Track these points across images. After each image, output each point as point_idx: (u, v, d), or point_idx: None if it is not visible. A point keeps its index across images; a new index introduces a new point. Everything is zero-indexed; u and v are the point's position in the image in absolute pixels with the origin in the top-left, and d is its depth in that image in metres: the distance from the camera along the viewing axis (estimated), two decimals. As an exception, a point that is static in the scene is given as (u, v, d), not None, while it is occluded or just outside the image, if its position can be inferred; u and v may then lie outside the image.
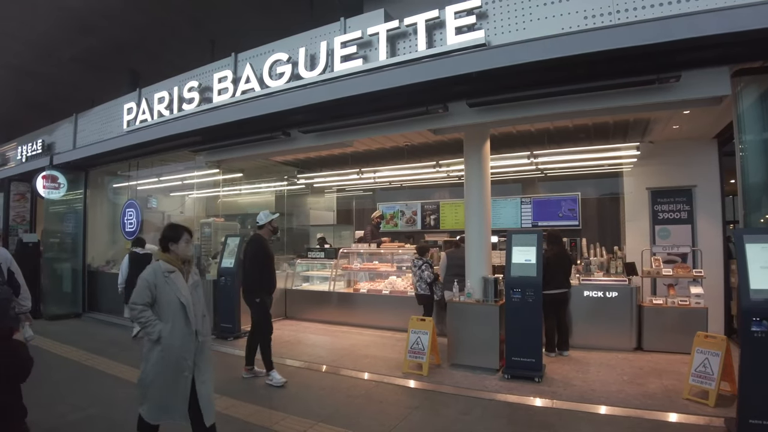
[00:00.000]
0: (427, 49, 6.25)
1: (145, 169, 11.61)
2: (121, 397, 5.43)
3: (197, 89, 8.77)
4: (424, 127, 6.70)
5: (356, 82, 6.44)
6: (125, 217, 10.92)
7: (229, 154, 8.91)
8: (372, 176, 10.55)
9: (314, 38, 7.46)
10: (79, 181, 12.39)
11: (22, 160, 14.07)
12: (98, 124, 11.63)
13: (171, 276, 3.51)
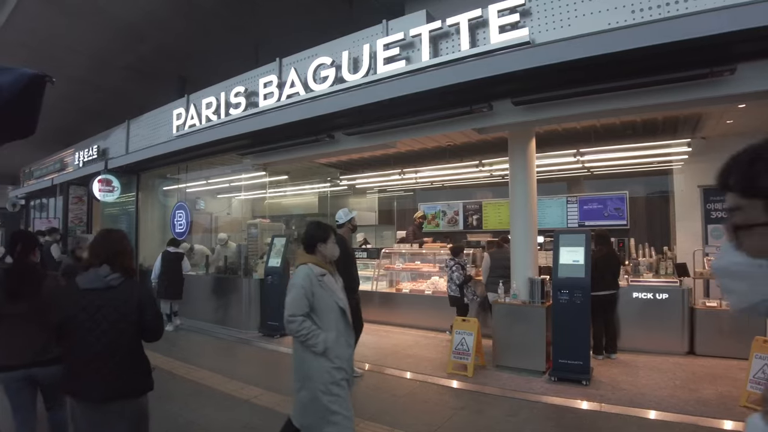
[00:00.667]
0: (471, 49, 6.24)
1: (194, 172, 12.00)
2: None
3: (243, 94, 9.01)
4: (468, 126, 6.68)
5: (399, 83, 6.49)
6: (175, 218, 11.31)
7: (275, 156, 9.10)
8: (414, 176, 10.57)
9: (357, 41, 7.55)
10: (131, 184, 12.94)
11: (80, 165, 14.82)
12: (149, 129, 12.09)
13: (324, 279, 3.22)
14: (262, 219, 11.21)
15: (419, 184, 11.62)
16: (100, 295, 2.76)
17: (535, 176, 6.88)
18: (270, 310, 8.74)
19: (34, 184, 18.81)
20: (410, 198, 13.26)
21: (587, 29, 5.38)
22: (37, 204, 20.14)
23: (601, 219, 10.22)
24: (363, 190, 13.09)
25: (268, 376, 6.40)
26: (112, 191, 12.44)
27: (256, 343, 8.30)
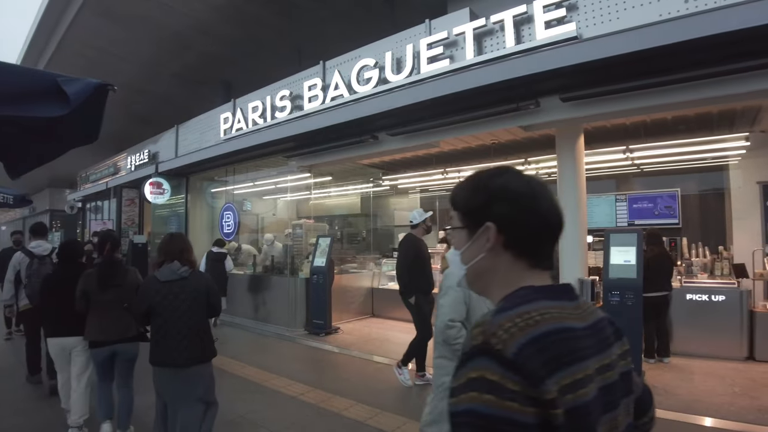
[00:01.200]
0: (516, 45, 6.17)
1: (241, 175, 12.29)
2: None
3: (288, 97, 9.16)
4: (514, 124, 6.60)
5: (443, 82, 6.46)
6: (223, 219, 11.60)
7: (320, 158, 9.21)
8: (457, 176, 10.48)
9: (400, 42, 7.57)
10: (181, 186, 13.36)
11: (132, 169, 15.40)
12: (197, 133, 12.45)
13: None
14: (307, 219, 11.38)
15: (462, 184, 11.58)
16: (177, 285, 3.48)
17: (584, 174, 6.73)
18: (315, 309, 8.87)
19: (89, 188, 19.71)
20: (453, 197, 13.23)
21: (637, 22, 5.22)
22: (92, 206, 21.11)
23: (651, 218, 9.88)
24: (405, 190, 13.09)
25: (313, 374, 6.49)
26: (162, 193, 12.89)
27: (302, 341, 8.43)
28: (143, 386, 4.41)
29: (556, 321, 0.91)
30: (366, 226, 13.40)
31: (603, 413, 0.91)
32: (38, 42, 15.64)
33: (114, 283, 4.22)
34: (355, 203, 13.64)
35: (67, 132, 3.25)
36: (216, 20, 12.31)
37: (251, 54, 14.12)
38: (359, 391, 5.64)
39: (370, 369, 6.64)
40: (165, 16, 12.30)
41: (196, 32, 13.04)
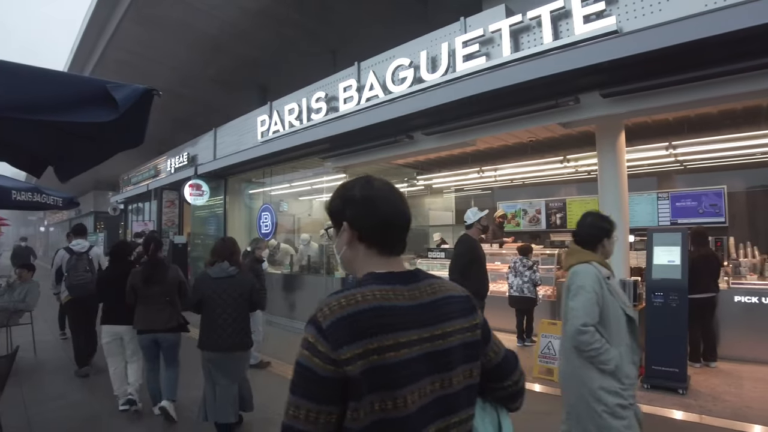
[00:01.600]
0: (554, 41, 6.04)
1: (278, 176, 12.45)
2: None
3: (324, 99, 9.23)
4: (552, 121, 6.46)
5: (479, 80, 6.39)
6: (261, 220, 11.77)
7: (355, 159, 9.24)
8: (492, 174, 10.39)
9: (434, 40, 7.53)
10: (219, 188, 13.63)
11: (171, 171, 15.81)
12: (235, 136, 12.67)
13: (611, 282, 2.72)
14: (342, 220, 11.42)
15: (498, 182, 11.40)
16: (225, 282, 4.17)
17: (626, 171, 6.55)
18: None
19: (131, 190, 20.31)
20: (488, 197, 13.03)
21: (681, 13, 5.03)
22: (134, 208, 21.80)
23: (695, 216, 9.57)
24: (440, 189, 13.02)
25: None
26: (201, 195, 13.19)
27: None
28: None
29: (376, 301, 1.18)
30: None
31: (428, 374, 1.19)
32: (83, 51, 16.27)
33: (157, 280, 4.79)
34: (388, 203, 13.66)
35: (114, 136, 3.37)
36: (250, 25, 12.53)
37: (286, 57, 14.32)
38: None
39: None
40: (201, 21, 12.60)
41: (232, 37, 13.30)
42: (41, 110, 2.38)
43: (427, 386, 1.19)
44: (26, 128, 3.86)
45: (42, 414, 5.15)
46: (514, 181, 11.51)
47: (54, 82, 2.52)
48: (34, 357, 7.49)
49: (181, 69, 15.79)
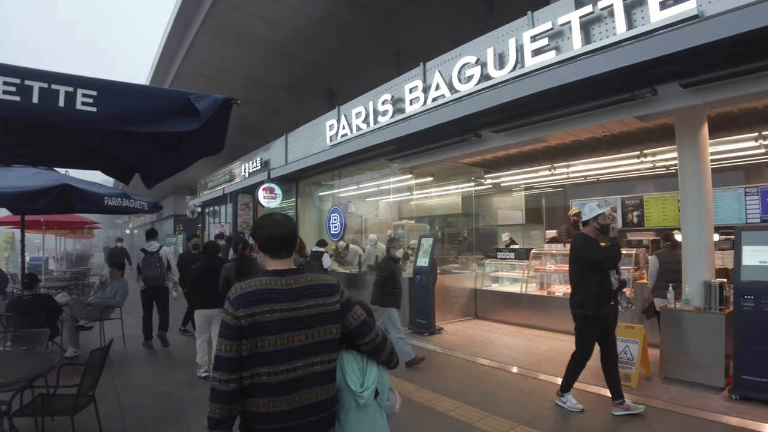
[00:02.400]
0: (628, 31, 5.76)
1: (346, 178, 12.68)
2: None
3: (390, 101, 9.30)
4: (628, 114, 6.16)
5: (549, 75, 6.20)
6: (330, 221, 12.02)
7: (422, 159, 9.26)
8: (564, 171, 10.04)
9: (501, 37, 7.40)
10: (291, 191, 14.10)
11: (246, 176, 16.49)
12: (305, 140, 13.02)
13: None
14: (408, 220, 11.47)
15: (571, 180, 10.99)
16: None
17: (710, 165, 6.14)
18: (419, 308, 8.92)
19: (208, 194, 21.35)
20: (560, 195, 12.63)
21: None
22: (211, 211, 22.90)
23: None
24: (509, 188, 12.74)
25: (419, 373, 6.49)
26: (274, 198, 13.69)
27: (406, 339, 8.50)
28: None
29: (259, 285, 2.02)
30: (467, 225, 13.23)
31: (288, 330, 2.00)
32: (163, 65, 17.29)
33: (246, 272, 5.74)
34: (455, 203, 13.53)
35: (195, 144, 3.59)
36: (317, 31, 12.81)
37: (351, 61, 14.54)
38: (466, 393, 5.58)
39: (476, 371, 6.54)
40: (270, 31, 13.02)
41: (299, 44, 13.66)
42: (135, 122, 2.59)
43: (290, 337, 2.02)
44: (118, 139, 4.17)
45: (132, 402, 5.53)
46: (587, 178, 11.04)
47: (145, 96, 2.73)
48: (124, 349, 8.05)
49: (252, 77, 16.41)
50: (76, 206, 5.92)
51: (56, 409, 4.04)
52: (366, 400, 2.19)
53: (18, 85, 2.28)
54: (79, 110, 2.39)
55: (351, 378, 2.19)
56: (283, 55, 14.53)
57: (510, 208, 13.57)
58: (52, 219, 12.31)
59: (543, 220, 13.02)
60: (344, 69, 15.06)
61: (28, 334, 5.09)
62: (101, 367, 4.18)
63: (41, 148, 4.68)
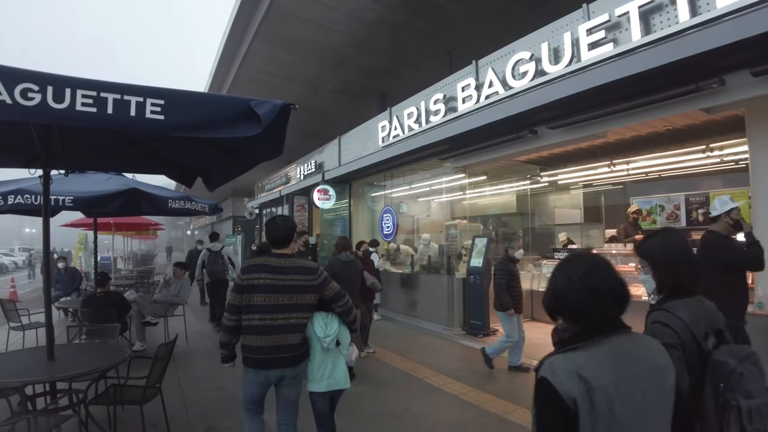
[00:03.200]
0: (691, 19, 5.51)
1: (398, 179, 12.73)
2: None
3: (442, 101, 9.27)
4: (693, 107, 5.85)
5: (607, 68, 6.01)
6: (383, 222, 12.11)
7: (475, 158, 9.17)
8: (624, 168, 9.67)
9: (556, 31, 7.24)
10: (344, 192, 14.31)
11: (301, 178, 16.88)
12: (357, 142, 13.17)
13: None
14: (461, 220, 11.39)
15: (631, 176, 10.57)
16: (349, 264, 6.41)
17: (786, 158, 5.77)
18: (473, 309, 8.84)
19: (265, 196, 21.99)
20: (620, 192, 12.18)
21: None
22: (268, 212, 23.53)
23: None
24: (566, 186, 12.40)
25: (474, 374, 6.46)
26: (328, 199, 13.96)
27: (460, 340, 8.47)
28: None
29: (260, 261, 3.36)
30: (523, 225, 12.99)
31: (270, 292, 3.25)
32: (220, 74, 17.94)
33: None
34: (510, 202, 13.29)
35: (256, 149, 3.78)
36: (369, 34, 12.94)
37: (403, 62, 14.59)
38: (522, 397, 5.50)
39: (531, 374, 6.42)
40: (323, 36, 13.27)
41: (352, 48, 13.85)
42: (200, 128, 2.74)
43: (275, 297, 3.24)
44: (183, 145, 4.41)
45: (195, 395, 5.82)
46: (648, 174, 10.57)
47: (208, 103, 2.91)
48: (186, 345, 8.42)
49: (306, 82, 16.76)
50: (143, 209, 6.27)
51: (126, 398, 4.30)
52: (328, 345, 3.40)
53: (94, 97, 2.47)
54: (148, 118, 2.56)
55: (317, 328, 3.41)
56: (337, 59, 14.77)
57: (567, 207, 13.20)
58: (121, 221, 13.01)
59: (602, 218, 12.58)
60: (396, 70, 15.14)
61: (101, 328, 5.42)
62: (167, 360, 4.40)
63: (112, 155, 5.00)
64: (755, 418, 1.66)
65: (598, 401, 1.36)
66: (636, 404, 1.41)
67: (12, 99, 2.31)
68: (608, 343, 1.47)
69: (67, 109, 2.40)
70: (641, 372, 1.45)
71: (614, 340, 1.48)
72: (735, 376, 1.70)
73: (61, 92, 2.40)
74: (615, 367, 1.42)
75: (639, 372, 1.44)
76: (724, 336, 1.87)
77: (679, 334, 1.87)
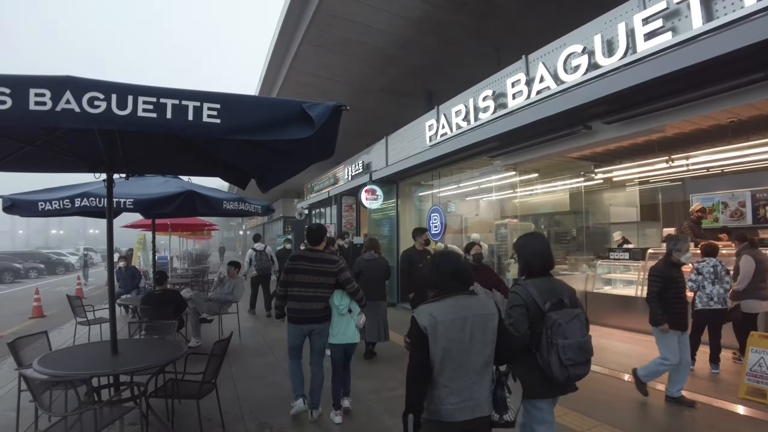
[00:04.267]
0: (758, 2, 5.19)
1: (445, 178, 12.63)
2: None
3: (491, 97, 9.12)
4: (761, 96, 5.46)
5: (665, 59, 5.75)
6: (430, 221, 12.04)
7: (526, 155, 8.97)
8: (684, 163, 9.23)
9: (609, 22, 6.98)
10: (391, 192, 14.34)
11: (349, 179, 17.04)
12: (404, 142, 13.15)
13: None
14: (511, 219, 11.19)
15: (691, 172, 10.09)
16: (371, 262, 7.43)
17: None
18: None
19: (314, 197, 22.34)
20: (678, 189, 11.66)
21: None
22: (317, 213, 23.92)
23: None
24: (621, 183, 11.96)
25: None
26: (376, 199, 14.03)
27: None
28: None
29: (300, 253, 5.20)
30: (576, 224, 12.63)
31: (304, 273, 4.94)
32: (270, 77, 18.35)
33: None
34: (563, 200, 12.95)
35: (308, 150, 3.86)
36: (415, 33, 12.91)
37: (450, 60, 14.48)
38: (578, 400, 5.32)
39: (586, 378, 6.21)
40: (370, 37, 13.33)
41: (398, 48, 13.86)
42: (254, 131, 2.80)
43: (307, 277, 4.91)
44: (237, 148, 4.54)
45: (247, 390, 5.98)
46: (710, 169, 10.03)
47: (262, 106, 2.94)
48: (240, 341, 8.63)
49: (354, 83, 16.90)
50: (199, 210, 6.47)
51: (184, 392, 4.45)
52: (341, 311, 4.94)
53: (154, 103, 2.57)
54: (205, 122, 2.64)
55: (335, 299, 4.96)
56: (384, 60, 14.82)
57: (623, 205, 12.75)
58: (178, 222, 13.50)
59: (660, 217, 12.09)
60: (443, 69, 15.04)
61: (160, 325, 5.64)
62: (222, 357, 4.52)
63: (169, 159, 5.20)
64: (568, 351, 2.82)
65: (440, 329, 2.47)
66: (465, 333, 2.49)
67: (80, 108, 2.45)
68: (453, 300, 2.57)
69: (130, 115, 2.52)
70: (471, 316, 2.52)
71: (457, 298, 2.58)
72: (556, 326, 2.85)
73: (124, 99, 2.52)
74: (453, 312, 2.51)
75: (470, 316, 2.52)
76: (562, 302, 2.94)
77: (524, 299, 2.99)
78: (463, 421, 2.48)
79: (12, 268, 27.11)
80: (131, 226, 14.27)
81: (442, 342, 2.46)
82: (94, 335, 8.33)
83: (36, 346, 4.82)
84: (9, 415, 4.90)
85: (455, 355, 2.49)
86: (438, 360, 2.48)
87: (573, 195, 12.60)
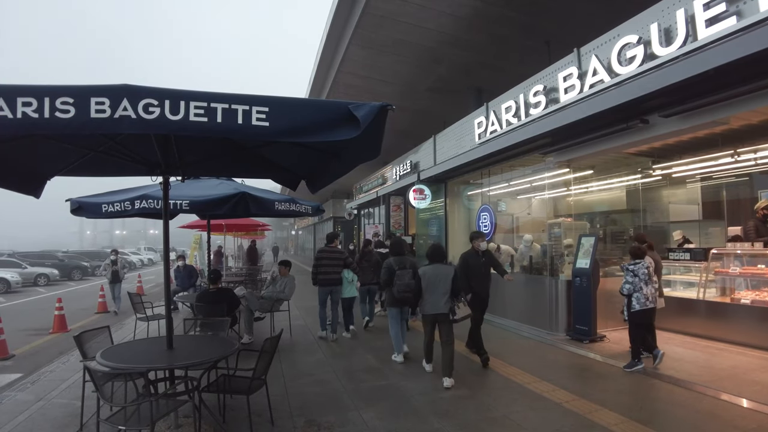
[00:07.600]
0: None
1: (495, 176, 12.42)
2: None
3: (543, 92, 8.91)
4: (837, 83, 5.15)
5: (729, 46, 5.41)
6: (480, 221, 11.88)
7: (580, 151, 8.69)
8: (751, 157, 8.69)
9: (666, 9, 6.66)
10: (440, 191, 14.27)
11: (397, 179, 17.08)
12: (453, 140, 13.05)
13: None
14: (565, 218, 10.86)
15: (759, 167, 9.48)
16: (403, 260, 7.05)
17: None
18: (578, 314, 8.39)
19: (363, 197, 22.52)
20: (746, 185, 10.98)
21: None
22: (366, 212, 24.12)
23: None
24: (681, 179, 11.38)
25: (577, 382, 6.17)
26: (424, 199, 14.00)
27: (563, 346, 8.06)
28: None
29: (325, 249, 9.14)
30: (633, 223, 12.12)
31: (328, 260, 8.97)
32: (319, 79, 18.59)
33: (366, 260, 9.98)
34: (619, 197, 12.46)
35: (355, 151, 3.93)
36: (464, 30, 12.78)
37: (499, 56, 14.24)
38: (630, 407, 5.14)
39: (643, 384, 5.96)
40: (418, 36, 13.29)
41: (447, 45, 13.75)
42: (302, 133, 2.85)
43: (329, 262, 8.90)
44: (287, 150, 4.64)
45: (296, 387, 6.05)
46: (782, 163, 9.41)
47: (309, 108, 2.99)
48: (290, 339, 8.81)
49: (402, 83, 16.90)
50: (252, 211, 6.65)
51: (235, 388, 4.55)
52: (348, 280, 9.10)
53: (205, 107, 2.68)
54: (254, 125, 2.73)
55: (345, 274, 9.04)
56: (432, 59, 14.76)
57: (683, 202, 12.14)
58: (232, 222, 13.89)
59: (724, 215, 11.42)
60: (492, 65, 14.80)
61: (213, 322, 5.79)
62: (273, 354, 4.59)
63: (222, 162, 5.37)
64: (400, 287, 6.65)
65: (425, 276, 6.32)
66: (436, 279, 6.22)
67: (136, 114, 2.59)
68: (432, 266, 6.34)
69: (182, 119, 2.65)
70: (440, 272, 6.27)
71: (434, 266, 6.34)
72: (398, 276, 6.70)
73: (177, 105, 2.65)
74: (431, 270, 6.29)
75: (439, 272, 6.27)
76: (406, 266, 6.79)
77: (393, 265, 6.84)
78: (432, 314, 6.30)
79: (80, 266, 28.75)
80: (188, 226, 14.80)
81: (426, 281, 6.26)
82: (152, 331, 8.67)
83: (100, 339, 5.07)
84: (75, 404, 5.18)
85: (431, 287, 6.24)
86: (424, 288, 6.29)
87: (630, 192, 12.10)
